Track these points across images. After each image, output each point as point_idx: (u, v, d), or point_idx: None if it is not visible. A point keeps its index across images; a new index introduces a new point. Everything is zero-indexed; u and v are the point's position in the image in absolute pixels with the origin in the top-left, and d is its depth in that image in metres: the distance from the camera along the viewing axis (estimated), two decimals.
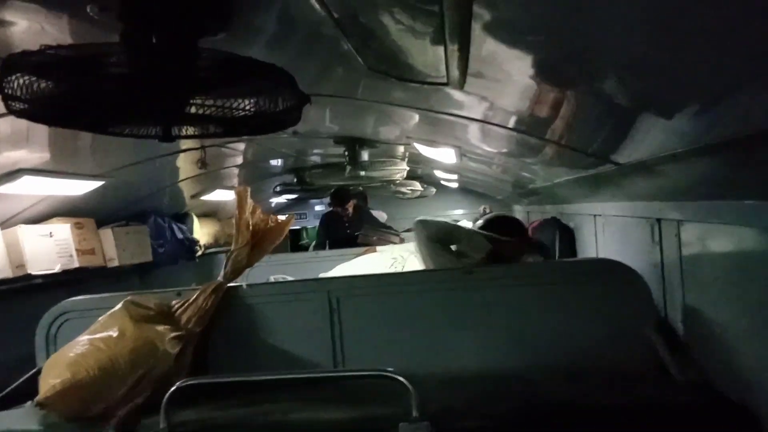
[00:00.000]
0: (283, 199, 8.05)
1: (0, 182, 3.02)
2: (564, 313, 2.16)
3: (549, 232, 3.82)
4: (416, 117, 3.19)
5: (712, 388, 1.78)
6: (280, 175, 6.51)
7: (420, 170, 6.78)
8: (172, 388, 1.75)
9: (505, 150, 3.32)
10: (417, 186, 7.21)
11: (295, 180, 6.33)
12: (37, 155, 3.03)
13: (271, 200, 8.02)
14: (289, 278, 2.98)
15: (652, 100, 1.46)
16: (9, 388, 2.19)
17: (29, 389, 2.12)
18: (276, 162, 5.85)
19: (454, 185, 8.29)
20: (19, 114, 1.35)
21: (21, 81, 1.24)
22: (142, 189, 4.70)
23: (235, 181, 5.84)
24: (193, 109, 1.51)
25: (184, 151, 4.03)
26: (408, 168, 5.42)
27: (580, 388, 1.88)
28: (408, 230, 6.64)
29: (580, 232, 3.65)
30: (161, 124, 1.54)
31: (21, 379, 2.23)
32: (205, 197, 5.73)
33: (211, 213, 6.58)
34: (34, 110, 1.35)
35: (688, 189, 1.88)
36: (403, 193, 7.28)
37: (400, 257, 3.90)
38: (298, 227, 9.82)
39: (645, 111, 1.55)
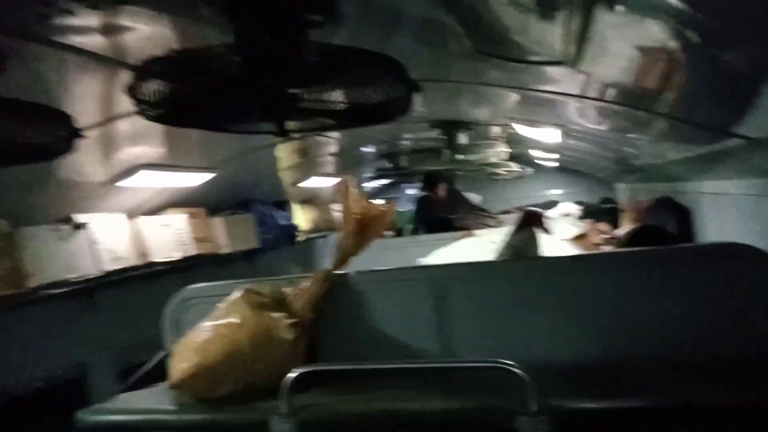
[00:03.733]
0: (374, 183, 8.13)
1: (123, 176, 3.27)
2: (686, 302, 2.01)
3: (663, 215, 3.58)
4: (517, 97, 3.10)
5: None
6: (374, 160, 6.57)
7: (516, 150, 6.60)
8: (293, 374, 1.81)
9: (610, 126, 3.15)
10: (513, 167, 7.02)
11: (390, 165, 6.37)
12: (154, 150, 3.23)
13: (363, 185, 8.13)
14: None
15: None
16: (143, 369, 2.37)
17: (154, 369, 2.27)
18: (370, 148, 5.90)
19: (552, 164, 8.00)
20: (153, 119, 1.43)
21: (152, 87, 1.31)
22: (246, 178, 4.90)
23: (331, 168, 5.96)
24: (305, 104, 1.53)
25: (285, 140, 4.16)
26: (506, 150, 5.29)
27: (701, 384, 1.75)
28: (505, 212, 6.51)
29: (698, 213, 3.40)
30: (276, 119, 1.58)
31: (152, 362, 2.40)
32: (303, 184, 5.90)
33: (308, 199, 6.77)
34: (165, 114, 1.42)
35: None
36: (499, 175, 7.11)
37: (499, 242, 3.82)
38: None
39: None
